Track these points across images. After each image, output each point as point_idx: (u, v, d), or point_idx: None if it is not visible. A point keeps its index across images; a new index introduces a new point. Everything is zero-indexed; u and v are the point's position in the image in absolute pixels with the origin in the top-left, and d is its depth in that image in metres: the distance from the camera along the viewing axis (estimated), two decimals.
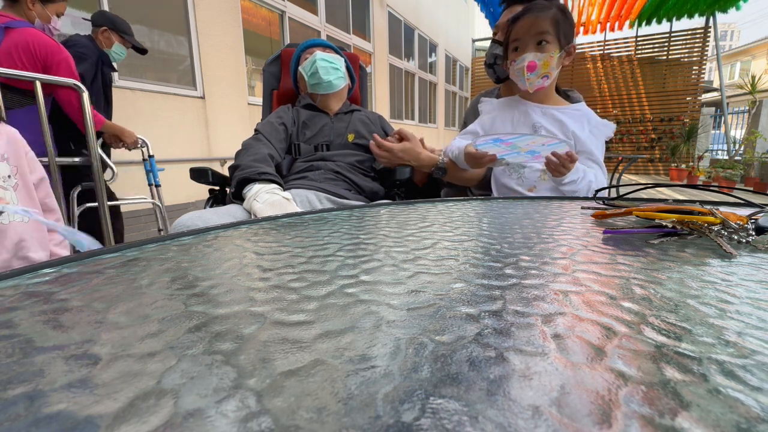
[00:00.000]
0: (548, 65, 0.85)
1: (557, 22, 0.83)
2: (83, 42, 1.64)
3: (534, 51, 0.85)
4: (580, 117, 0.89)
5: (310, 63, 1.10)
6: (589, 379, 0.13)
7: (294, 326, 0.17)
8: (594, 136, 0.88)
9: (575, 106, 0.92)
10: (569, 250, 0.29)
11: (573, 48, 0.86)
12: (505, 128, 0.94)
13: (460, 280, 0.23)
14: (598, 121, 0.90)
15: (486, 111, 1.01)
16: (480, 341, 0.15)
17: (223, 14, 3.07)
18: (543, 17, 0.83)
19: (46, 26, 1.41)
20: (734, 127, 8.03)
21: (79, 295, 0.21)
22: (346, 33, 4.81)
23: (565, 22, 0.84)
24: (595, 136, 0.89)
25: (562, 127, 0.88)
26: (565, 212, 0.47)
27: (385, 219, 0.43)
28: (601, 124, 0.91)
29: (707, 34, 6.66)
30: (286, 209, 0.78)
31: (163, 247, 0.31)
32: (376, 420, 0.11)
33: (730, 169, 5.90)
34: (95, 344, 0.15)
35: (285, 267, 0.25)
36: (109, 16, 1.71)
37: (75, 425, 0.11)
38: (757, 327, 0.16)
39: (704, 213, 0.33)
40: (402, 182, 1.09)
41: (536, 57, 0.85)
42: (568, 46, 0.85)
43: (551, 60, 0.84)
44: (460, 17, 8.94)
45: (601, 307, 0.19)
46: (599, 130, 0.89)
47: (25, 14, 1.35)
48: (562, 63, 0.88)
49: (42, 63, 1.30)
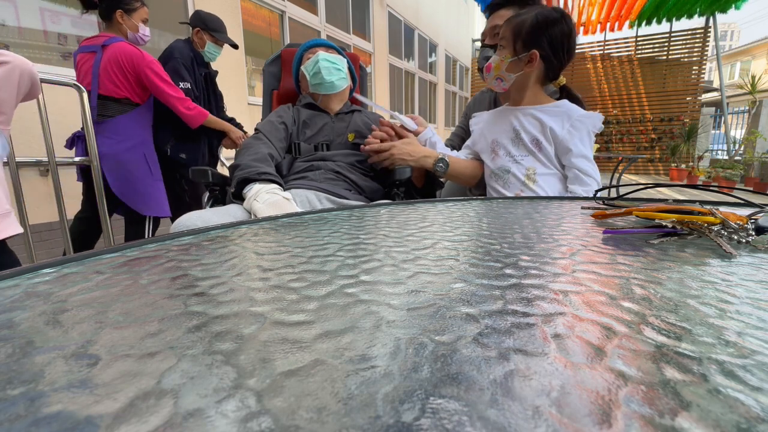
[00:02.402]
0: (499, 68, 0.89)
1: (518, 31, 0.85)
2: (178, 46, 1.73)
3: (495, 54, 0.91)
4: (560, 114, 0.88)
5: (312, 63, 1.10)
6: (589, 379, 0.13)
7: (294, 326, 0.17)
8: (576, 129, 0.87)
9: (556, 104, 0.91)
10: (569, 250, 0.29)
11: (534, 56, 0.85)
12: (492, 136, 0.96)
13: (460, 280, 0.23)
14: (581, 114, 0.88)
15: (474, 123, 1.05)
16: (480, 341, 0.15)
17: (223, 14, 3.06)
18: (508, 22, 0.87)
19: (136, 36, 1.53)
20: (734, 127, 8.03)
21: (79, 295, 0.21)
22: (346, 33, 4.81)
23: (534, 31, 0.84)
24: (576, 129, 0.87)
25: (542, 126, 0.88)
26: (565, 212, 0.47)
27: (385, 219, 0.43)
28: (585, 116, 0.88)
29: (707, 34, 6.66)
30: (286, 209, 0.78)
31: (163, 247, 0.31)
32: (376, 420, 0.11)
33: (730, 169, 5.90)
34: (95, 344, 0.15)
35: (285, 267, 0.25)
36: (202, 16, 1.77)
37: (75, 425, 0.11)
38: (757, 327, 0.16)
39: (704, 213, 0.33)
40: (402, 182, 1.09)
41: (492, 60, 0.91)
42: (524, 54, 0.86)
43: (501, 64, 0.88)
44: (460, 17, 8.94)
45: (601, 307, 0.19)
46: (582, 123, 0.87)
47: (119, 30, 1.49)
48: (522, 69, 0.88)
49: (131, 72, 1.44)
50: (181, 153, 1.71)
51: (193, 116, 1.55)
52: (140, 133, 1.52)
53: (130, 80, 1.46)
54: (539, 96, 0.93)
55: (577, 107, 0.90)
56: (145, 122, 1.54)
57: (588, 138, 0.88)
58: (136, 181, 1.51)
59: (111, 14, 1.48)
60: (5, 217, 0.88)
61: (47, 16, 2.18)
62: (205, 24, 1.76)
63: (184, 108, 1.52)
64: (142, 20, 1.54)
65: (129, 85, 1.46)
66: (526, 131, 0.90)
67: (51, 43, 2.20)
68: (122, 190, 1.49)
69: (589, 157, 0.87)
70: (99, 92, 1.45)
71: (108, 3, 1.46)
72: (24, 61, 0.87)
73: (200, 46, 1.79)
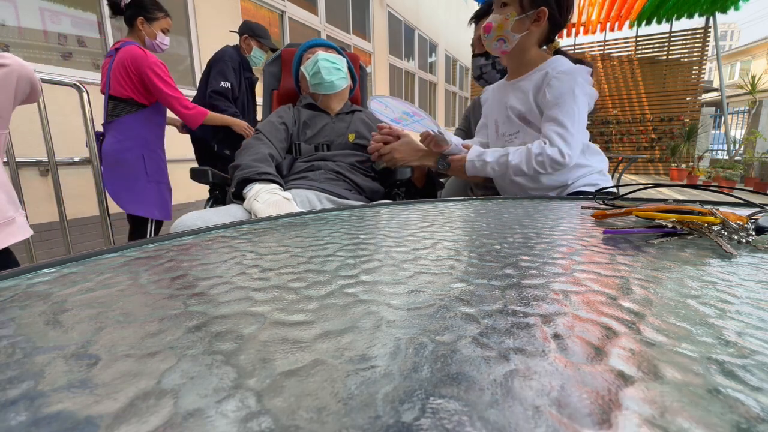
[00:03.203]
0: (502, 27, 0.82)
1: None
2: (228, 50, 1.95)
3: (496, 11, 0.84)
4: (542, 77, 0.82)
5: (312, 63, 1.10)
6: (589, 379, 0.13)
7: (294, 326, 0.17)
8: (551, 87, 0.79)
9: (541, 66, 0.84)
10: (569, 250, 0.29)
11: (542, 13, 0.80)
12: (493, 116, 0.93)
13: (460, 280, 0.23)
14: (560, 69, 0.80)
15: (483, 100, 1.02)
16: (480, 341, 0.15)
17: (223, 14, 3.07)
18: None
19: (153, 42, 1.60)
20: (734, 127, 8.03)
21: (79, 295, 0.21)
22: (346, 33, 4.81)
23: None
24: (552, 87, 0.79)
25: (525, 97, 0.83)
26: (565, 212, 0.47)
27: (385, 219, 0.43)
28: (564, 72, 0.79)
29: (707, 34, 6.66)
30: (286, 209, 0.78)
31: (163, 247, 0.31)
32: (376, 420, 0.11)
33: (730, 169, 5.90)
34: (95, 344, 0.15)
35: (285, 267, 0.25)
36: (249, 24, 2.00)
37: (75, 425, 0.11)
38: (757, 327, 0.16)
39: (704, 213, 0.33)
40: (402, 182, 1.09)
41: (493, 18, 0.83)
42: (533, 12, 0.81)
43: (506, 23, 0.81)
44: (460, 17, 8.93)
45: (601, 307, 0.19)
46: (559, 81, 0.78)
47: (138, 36, 1.57)
48: (528, 28, 0.82)
49: (135, 72, 1.48)
50: (225, 149, 1.91)
51: (191, 115, 1.58)
52: (142, 134, 1.54)
53: (134, 80, 1.49)
54: (538, 59, 0.86)
55: (563, 61, 0.83)
56: (149, 123, 1.57)
57: (569, 98, 0.78)
58: (129, 181, 1.54)
59: (133, 21, 1.55)
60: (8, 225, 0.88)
61: (47, 16, 2.18)
62: (252, 31, 1.98)
63: (181, 107, 1.55)
64: (162, 29, 1.61)
65: (133, 85, 1.50)
66: (512, 108, 0.86)
67: (51, 43, 2.20)
68: (114, 188, 1.53)
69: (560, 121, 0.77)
70: (109, 93, 1.51)
71: (132, 10, 1.54)
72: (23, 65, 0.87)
73: (247, 52, 2.00)
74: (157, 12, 1.57)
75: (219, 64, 1.90)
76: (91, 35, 2.36)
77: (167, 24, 1.62)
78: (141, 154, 1.54)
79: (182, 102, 1.56)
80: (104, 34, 2.38)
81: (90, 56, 2.37)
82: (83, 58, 2.35)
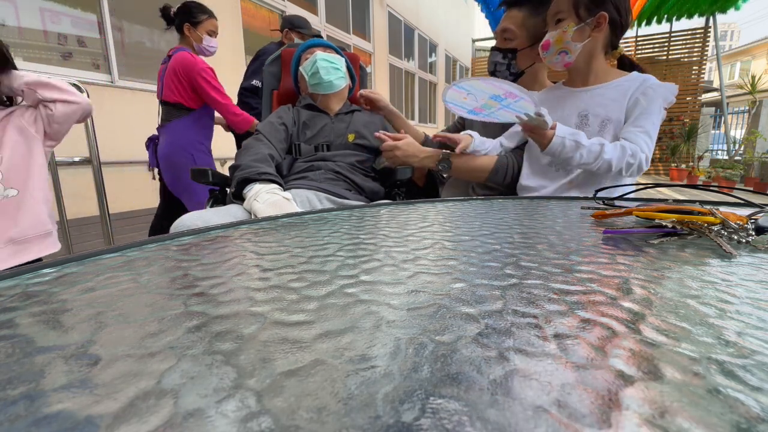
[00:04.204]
0: (561, 41, 0.83)
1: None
2: (269, 47, 1.98)
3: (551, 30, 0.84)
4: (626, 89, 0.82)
5: (310, 63, 1.10)
6: (589, 379, 0.13)
7: (294, 326, 0.17)
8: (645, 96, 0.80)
9: (627, 77, 0.84)
10: (569, 250, 0.29)
11: (602, 18, 0.80)
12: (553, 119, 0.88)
13: (460, 280, 0.23)
14: (653, 83, 0.81)
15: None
16: (480, 341, 0.15)
17: (223, 14, 3.06)
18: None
19: (202, 47, 1.66)
20: (734, 127, 8.03)
21: (80, 294, 0.21)
22: (346, 33, 4.81)
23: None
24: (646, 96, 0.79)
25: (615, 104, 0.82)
26: (565, 212, 0.47)
27: (385, 219, 0.43)
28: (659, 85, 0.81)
29: (707, 34, 6.65)
30: (286, 209, 0.78)
31: (163, 247, 0.31)
32: (376, 420, 0.11)
33: (730, 169, 5.90)
34: (95, 344, 0.15)
35: (285, 267, 0.25)
36: (289, 18, 2.02)
37: (75, 425, 0.11)
38: (757, 327, 0.16)
39: (704, 213, 0.33)
40: (402, 182, 1.09)
41: (550, 36, 0.84)
42: (591, 19, 0.81)
43: (564, 35, 0.82)
44: (460, 17, 8.94)
45: (601, 307, 0.19)
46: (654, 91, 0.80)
47: (187, 42, 1.64)
48: (590, 35, 0.82)
49: (185, 78, 1.57)
50: None
51: (237, 122, 1.66)
52: (190, 136, 1.64)
53: (184, 86, 1.57)
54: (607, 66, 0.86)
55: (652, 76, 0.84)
56: (197, 126, 1.66)
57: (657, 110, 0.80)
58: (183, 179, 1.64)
59: (181, 27, 1.63)
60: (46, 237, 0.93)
61: (47, 16, 2.18)
62: (291, 23, 1.99)
63: (230, 115, 1.63)
64: (208, 32, 1.65)
65: (183, 90, 1.58)
66: (594, 114, 0.84)
67: (51, 43, 2.20)
68: (174, 186, 1.67)
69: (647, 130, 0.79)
70: (162, 98, 1.60)
71: (180, 18, 1.62)
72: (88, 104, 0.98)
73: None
74: (200, 15, 1.62)
75: (256, 62, 1.94)
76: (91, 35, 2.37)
77: (212, 26, 1.67)
78: (191, 154, 1.63)
79: (230, 109, 1.63)
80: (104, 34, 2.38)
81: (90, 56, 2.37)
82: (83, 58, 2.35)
